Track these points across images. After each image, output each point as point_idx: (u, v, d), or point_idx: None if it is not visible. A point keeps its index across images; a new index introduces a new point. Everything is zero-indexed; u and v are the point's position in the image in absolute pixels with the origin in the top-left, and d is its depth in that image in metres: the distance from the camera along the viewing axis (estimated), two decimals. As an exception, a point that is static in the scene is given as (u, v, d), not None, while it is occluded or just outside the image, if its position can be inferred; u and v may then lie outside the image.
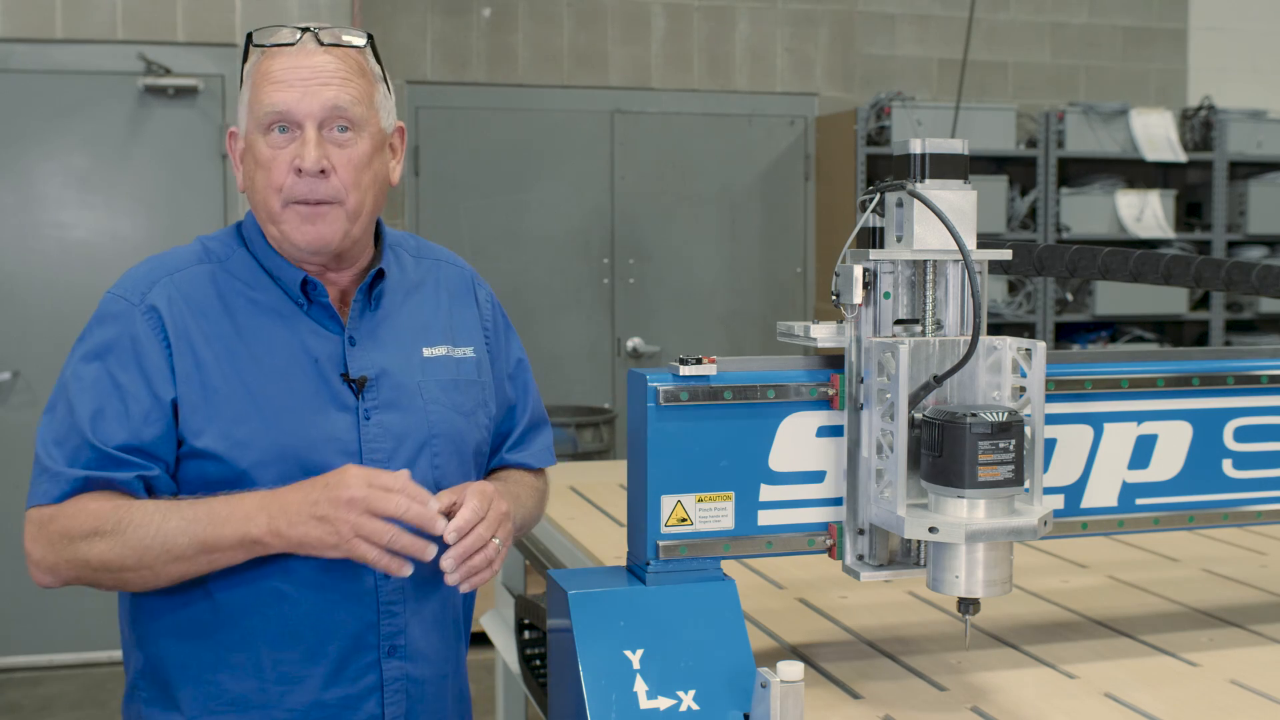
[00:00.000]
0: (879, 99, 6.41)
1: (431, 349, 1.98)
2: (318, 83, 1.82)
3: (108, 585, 1.81)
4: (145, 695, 1.90)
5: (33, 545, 1.80)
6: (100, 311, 1.88)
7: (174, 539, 1.73)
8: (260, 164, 1.84)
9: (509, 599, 3.17)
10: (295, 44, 1.84)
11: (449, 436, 1.94)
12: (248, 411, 1.82)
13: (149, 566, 1.75)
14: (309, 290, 1.89)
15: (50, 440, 1.85)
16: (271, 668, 1.85)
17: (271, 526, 1.71)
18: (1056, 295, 6.70)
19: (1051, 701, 1.83)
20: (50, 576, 1.81)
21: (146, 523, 1.74)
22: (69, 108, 5.38)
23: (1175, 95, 7.25)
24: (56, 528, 1.77)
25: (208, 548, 1.73)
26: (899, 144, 1.78)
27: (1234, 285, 2.08)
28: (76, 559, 1.76)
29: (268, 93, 1.82)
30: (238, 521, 1.72)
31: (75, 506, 1.77)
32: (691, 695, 1.66)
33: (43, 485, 1.81)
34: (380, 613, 1.88)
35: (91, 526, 1.75)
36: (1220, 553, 2.66)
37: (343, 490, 1.68)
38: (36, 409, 5.34)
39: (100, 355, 1.84)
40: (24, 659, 5.45)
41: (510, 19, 6.31)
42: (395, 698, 1.91)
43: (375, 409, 1.88)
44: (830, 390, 1.79)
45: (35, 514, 1.81)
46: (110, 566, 1.76)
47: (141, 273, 1.90)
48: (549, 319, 6.42)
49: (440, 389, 1.96)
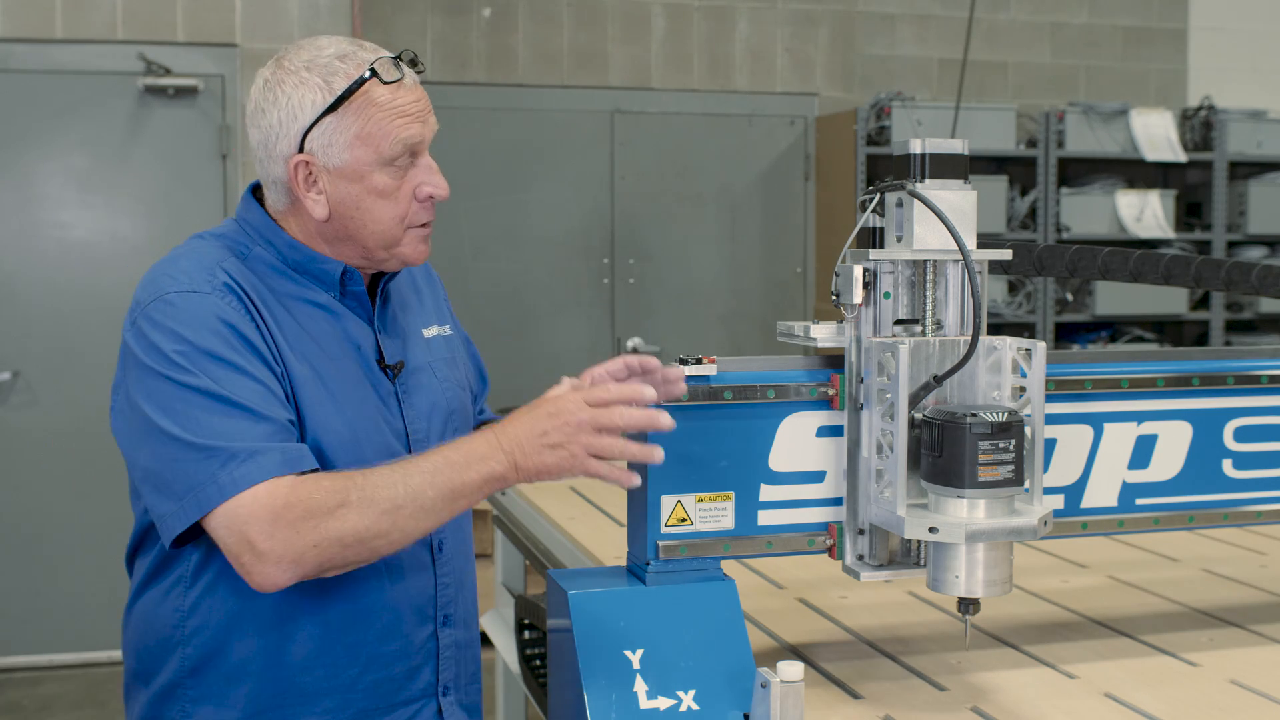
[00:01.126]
0: (879, 99, 6.41)
1: (428, 330, 2.07)
2: (428, 114, 1.93)
3: (352, 561, 1.71)
4: (193, 693, 1.88)
5: (269, 540, 1.65)
6: (172, 311, 1.77)
7: (424, 493, 1.70)
8: (383, 195, 1.87)
9: (509, 599, 3.17)
10: (404, 79, 1.89)
11: (460, 410, 2.04)
12: (321, 395, 1.85)
13: (400, 527, 1.70)
14: (346, 281, 1.92)
15: (202, 432, 1.69)
16: (345, 651, 1.88)
17: (510, 461, 1.71)
18: (1056, 295, 6.70)
19: (1051, 701, 1.83)
20: (292, 570, 1.67)
21: (391, 483, 1.69)
22: (69, 108, 5.38)
23: (1175, 95, 7.25)
24: (298, 511, 1.65)
25: (455, 494, 1.71)
26: (899, 144, 1.78)
27: (1234, 285, 2.08)
28: (328, 537, 1.66)
29: (399, 125, 1.86)
30: (477, 463, 1.71)
31: (308, 485, 1.67)
32: (691, 695, 1.66)
33: (238, 469, 1.67)
34: (438, 584, 1.97)
35: (338, 500, 1.66)
36: (1220, 553, 2.66)
37: (569, 416, 1.69)
38: (36, 409, 5.37)
39: (207, 349, 1.74)
40: (24, 659, 5.44)
41: (510, 19, 6.31)
42: (448, 664, 2.00)
43: (405, 392, 1.96)
44: (830, 390, 1.79)
45: (256, 506, 1.66)
46: (364, 536, 1.68)
47: (188, 266, 1.83)
48: (549, 319, 6.42)
49: (445, 367, 2.06)
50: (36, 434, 5.35)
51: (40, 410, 5.37)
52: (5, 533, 5.38)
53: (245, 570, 1.67)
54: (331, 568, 1.70)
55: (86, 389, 5.23)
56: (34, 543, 5.38)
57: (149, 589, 1.90)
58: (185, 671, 1.88)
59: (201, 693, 1.87)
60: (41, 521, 5.38)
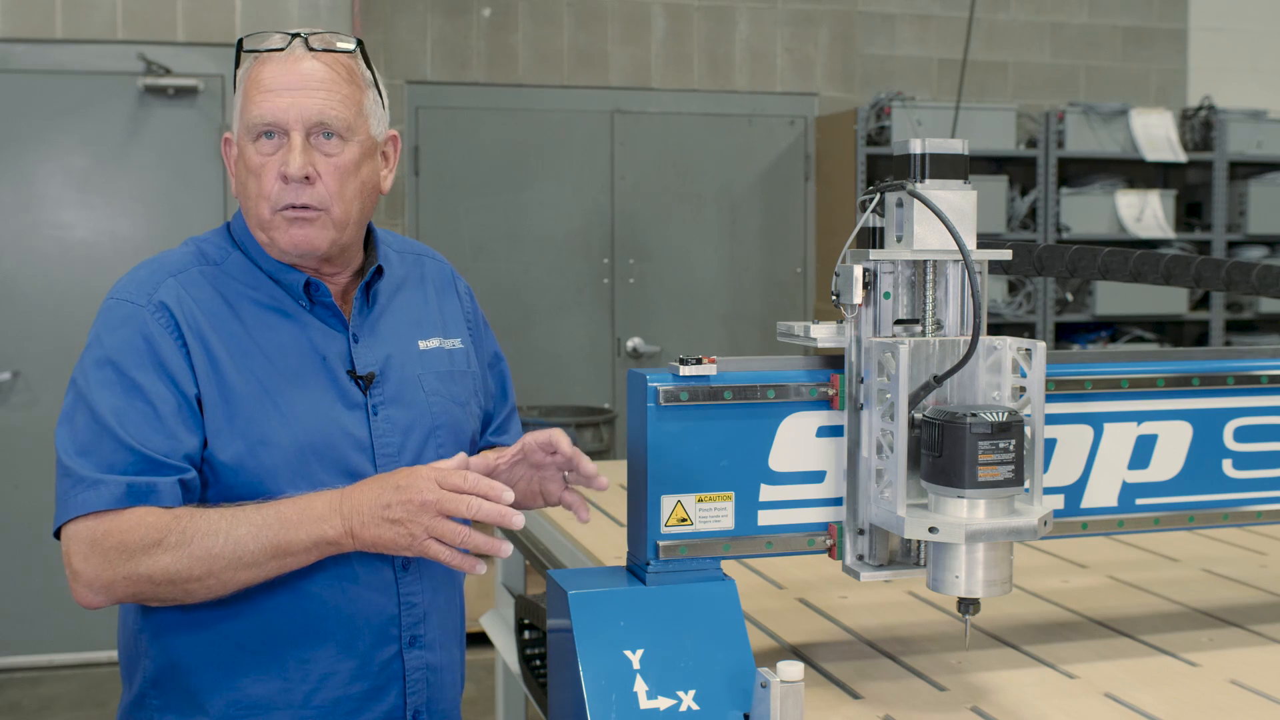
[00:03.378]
0: (879, 99, 6.41)
1: (426, 342, 2.02)
2: (305, 91, 1.82)
3: (166, 599, 1.74)
4: (158, 703, 1.88)
5: (83, 563, 1.71)
6: (106, 317, 1.84)
7: (244, 545, 1.70)
8: (251, 171, 1.84)
9: (509, 599, 3.17)
10: (285, 50, 1.84)
11: (450, 427, 1.98)
12: (266, 410, 1.82)
13: (216, 575, 1.71)
14: (311, 292, 1.90)
15: (74, 450, 1.76)
16: (297, 666, 1.86)
17: (346, 528, 1.69)
18: (1056, 295, 6.70)
19: (1051, 701, 1.83)
20: (102, 595, 1.73)
21: (214, 531, 1.70)
22: (69, 108, 5.38)
23: (1175, 95, 7.25)
24: (112, 542, 1.70)
25: (279, 552, 1.71)
26: (899, 144, 1.78)
27: (1234, 285, 2.08)
28: (137, 574, 1.70)
29: (257, 101, 1.82)
30: (311, 524, 1.70)
31: (131, 519, 1.71)
32: (691, 695, 1.66)
33: (80, 495, 1.73)
34: (401, 604, 1.92)
35: (154, 539, 1.69)
36: (1220, 553, 2.66)
37: (415, 494, 1.65)
38: (36, 409, 5.37)
39: (115, 360, 1.79)
40: (24, 659, 5.45)
41: (510, 19, 6.31)
42: (416, 687, 1.95)
43: (381, 404, 1.91)
44: (830, 390, 1.79)
45: (82, 529, 1.72)
46: (176, 579, 1.70)
47: (142, 275, 1.87)
48: (549, 319, 6.42)
49: (438, 380, 2.00)
50: (36, 434, 5.35)
51: (40, 410, 5.37)
52: (5, 533, 5.39)
53: (70, 586, 1.74)
54: (147, 600, 1.76)
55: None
56: (34, 543, 5.38)
57: None
58: (149, 682, 1.89)
59: (164, 703, 1.88)
60: (41, 521, 5.34)
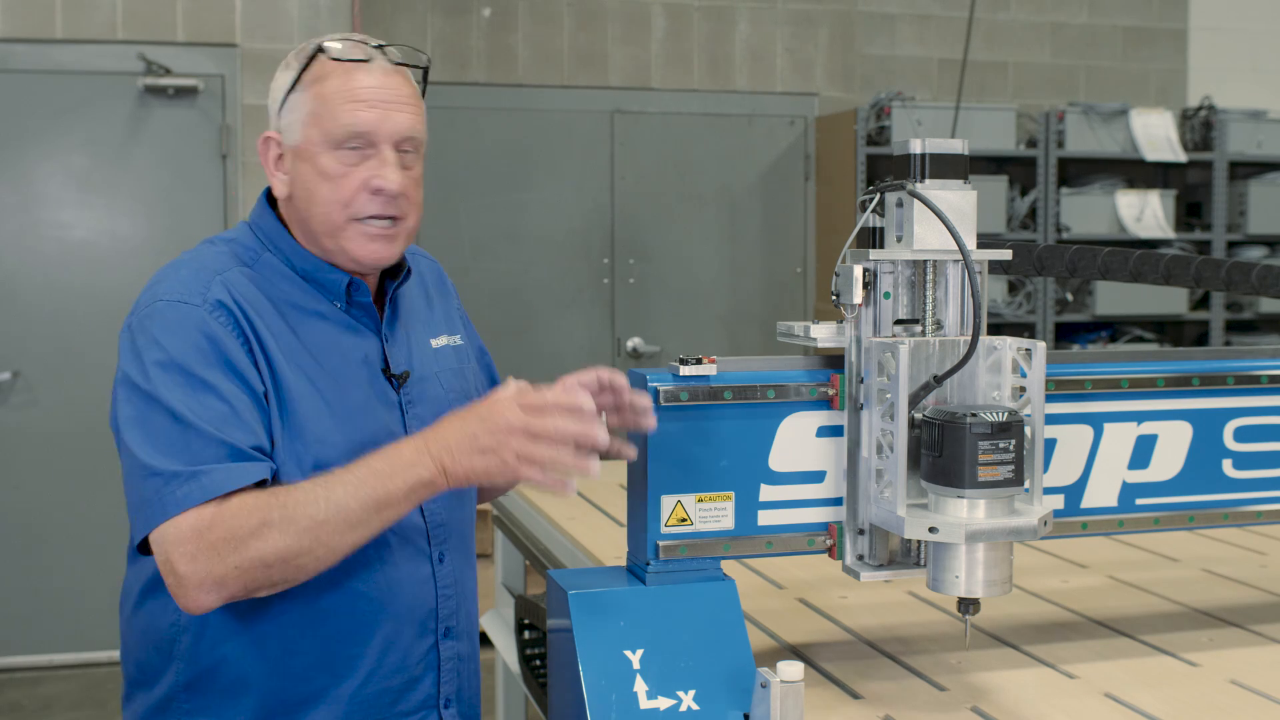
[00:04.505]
0: (879, 99, 6.41)
1: (436, 340, 2.04)
2: (395, 105, 1.83)
3: (278, 581, 1.69)
4: (188, 706, 1.87)
5: (190, 564, 1.65)
6: (161, 320, 1.78)
7: (347, 506, 1.66)
8: (326, 177, 1.83)
9: (509, 599, 3.17)
10: (371, 61, 1.84)
11: None
12: (320, 409, 1.83)
13: (324, 543, 1.67)
14: (352, 292, 1.90)
15: (156, 451, 1.70)
16: (345, 664, 1.87)
17: (438, 466, 1.67)
18: (1056, 295, 6.70)
19: (1051, 701, 1.83)
20: (214, 594, 1.66)
21: (313, 499, 1.66)
22: (69, 108, 5.38)
23: (1175, 95, 7.25)
24: (219, 534, 1.64)
25: (381, 504, 1.68)
26: (899, 144, 1.78)
27: (1234, 285, 2.08)
28: (250, 560, 1.64)
29: (348, 110, 1.81)
30: (404, 471, 1.67)
31: (233, 506, 1.66)
32: (691, 695, 1.66)
33: (177, 491, 1.67)
34: (439, 596, 1.95)
35: (259, 519, 1.64)
36: (1220, 553, 2.66)
37: (500, 420, 1.64)
38: (36, 409, 5.37)
39: (181, 362, 1.74)
40: (24, 659, 5.44)
41: (510, 19, 6.31)
42: (449, 676, 1.98)
43: (410, 402, 1.94)
44: (830, 390, 1.79)
45: (184, 527, 1.66)
46: (288, 555, 1.65)
47: (186, 275, 1.83)
48: (549, 319, 6.42)
49: (451, 377, 2.03)
50: (36, 434, 5.35)
51: (40, 410, 5.37)
52: (5, 533, 5.38)
53: (173, 594, 1.68)
54: (258, 588, 1.69)
55: (86, 389, 5.22)
56: (34, 543, 5.38)
57: (150, 599, 1.88)
58: (180, 686, 1.87)
59: (196, 705, 1.87)
60: (41, 521, 5.38)
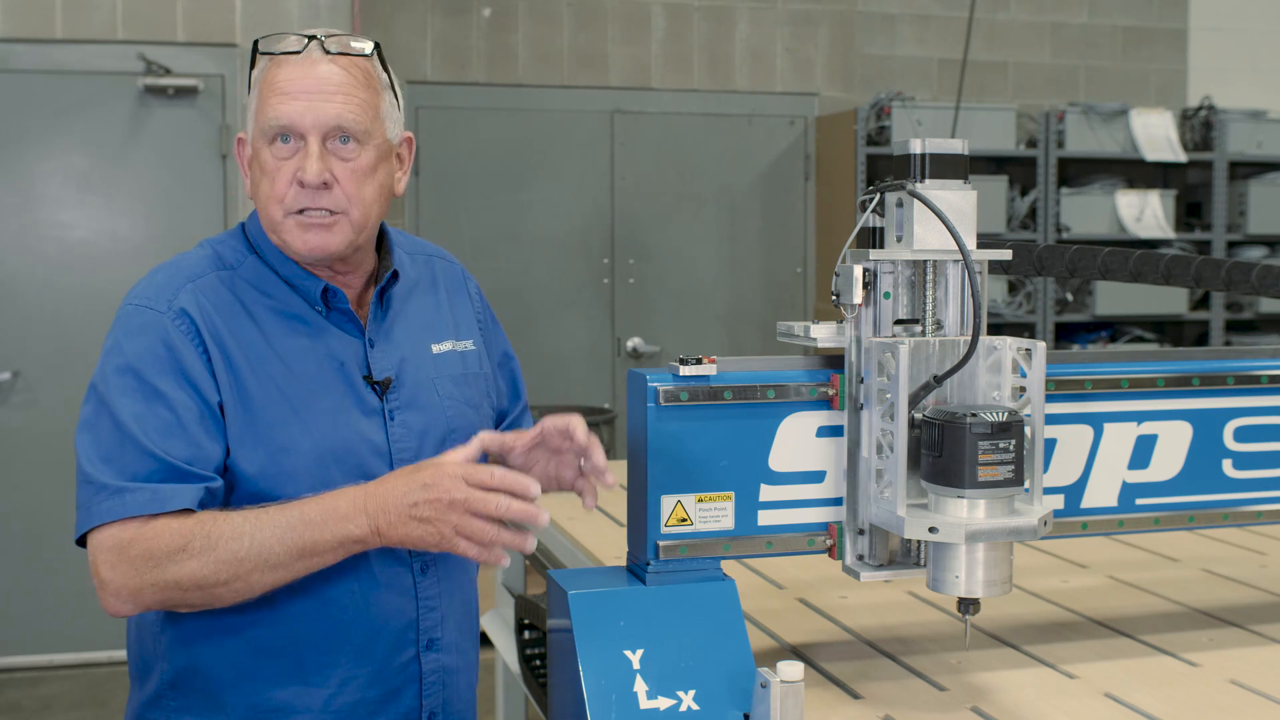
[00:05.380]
0: (879, 99, 6.41)
1: (439, 345, 2.02)
2: (322, 95, 1.80)
3: (196, 604, 1.74)
4: (175, 704, 1.88)
5: (110, 572, 1.71)
6: (125, 324, 1.82)
7: (269, 547, 1.69)
8: (265, 173, 1.83)
9: (509, 599, 3.16)
10: (301, 52, 1.82)
11: (464, 429, 1.97)
12: (286, 417, 1.82)
13: (242, 578, 1.70)
14: (329, 298, 1.90)
15: (97, 458, 1.75)
16: (317, 671, 1.86)
17: (372, 526, 1.68)
18: (1056, 295, 6.70)
19: (1051, 701, 1.83)
20: (130, 603, 1.72)
21: (238, 534, 1.69)
22: (69, 108, 5.38)
23: (1175, 95, 7.25)
24: (138, 550, 1.69)
25: (305, 553, 1.70)
26: (899, 144, 1.78)
27: (1234, 285, 2.08)
28: (164, 581, 1.69)
29: (273, 104, 1.81)
30: (335, 523, 1.69)
31: (156, 526, 1.70)
32: (691, 695, 1.66)
33: (104, 503, 1.72)
34: (420, 608, 1.93)
35: (179, 544, 1.68)
36: (1220, 553, 2.66)
37: (443, 493, 1.64)
38: (36, 409, 5.37)
39: (136, 368, 1.77)
40: (24, 659, 5.45)
41: (510, 19, 6.31)
42: (433, 689, 1.96)
43: (397, 409, 1.91)
44: (830, 390, 1.79)
45: (107, 537, 1.71)
46: (203, 584, 1.69)
47: (160, 280, 1.86)
48: (549, 319, 6.42)
49: (452, 384, 2.00)
50: (36, 434, 5.35)
51: (40, 410, 5.37)
52: (5, 533, 5.39)
53: (97, 595, 1.74)
54: (176, 606, 1.75)
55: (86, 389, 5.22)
56: (34, 543, 5.38)
57: None
58: (165, 684, 1.89)
59: (182, 704, 1.88)
60: (41, 521, 5.38)
